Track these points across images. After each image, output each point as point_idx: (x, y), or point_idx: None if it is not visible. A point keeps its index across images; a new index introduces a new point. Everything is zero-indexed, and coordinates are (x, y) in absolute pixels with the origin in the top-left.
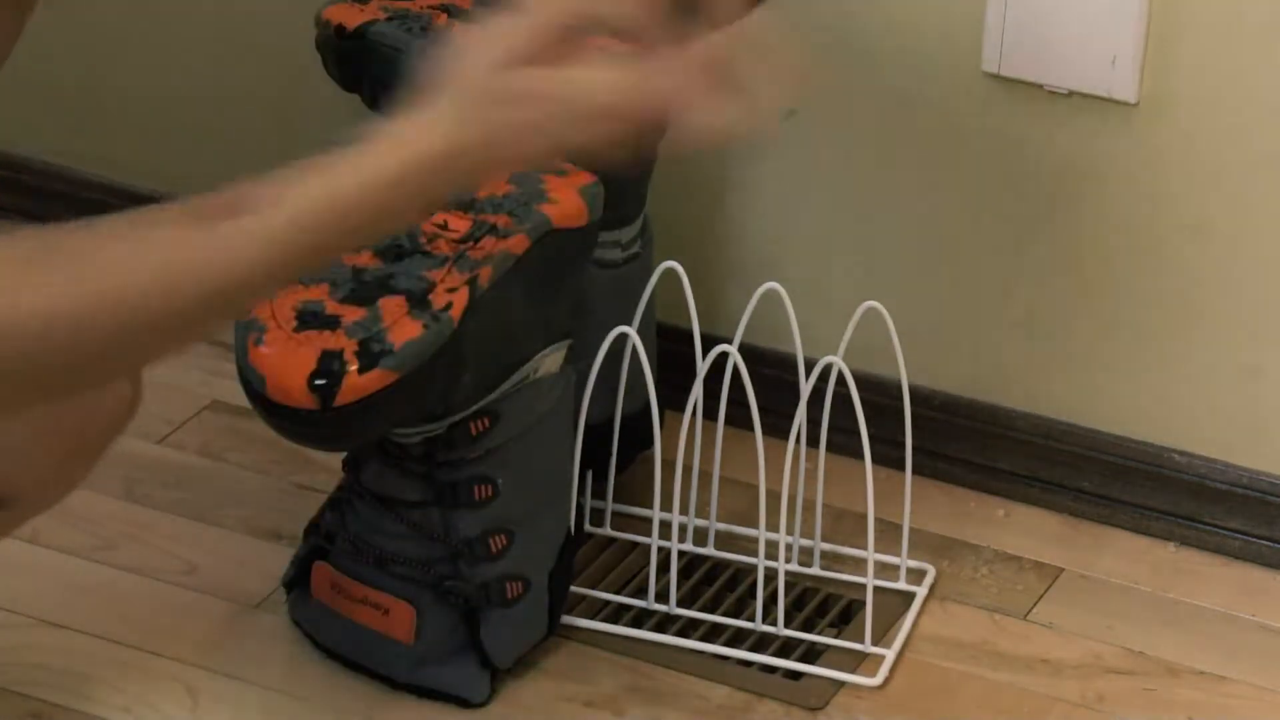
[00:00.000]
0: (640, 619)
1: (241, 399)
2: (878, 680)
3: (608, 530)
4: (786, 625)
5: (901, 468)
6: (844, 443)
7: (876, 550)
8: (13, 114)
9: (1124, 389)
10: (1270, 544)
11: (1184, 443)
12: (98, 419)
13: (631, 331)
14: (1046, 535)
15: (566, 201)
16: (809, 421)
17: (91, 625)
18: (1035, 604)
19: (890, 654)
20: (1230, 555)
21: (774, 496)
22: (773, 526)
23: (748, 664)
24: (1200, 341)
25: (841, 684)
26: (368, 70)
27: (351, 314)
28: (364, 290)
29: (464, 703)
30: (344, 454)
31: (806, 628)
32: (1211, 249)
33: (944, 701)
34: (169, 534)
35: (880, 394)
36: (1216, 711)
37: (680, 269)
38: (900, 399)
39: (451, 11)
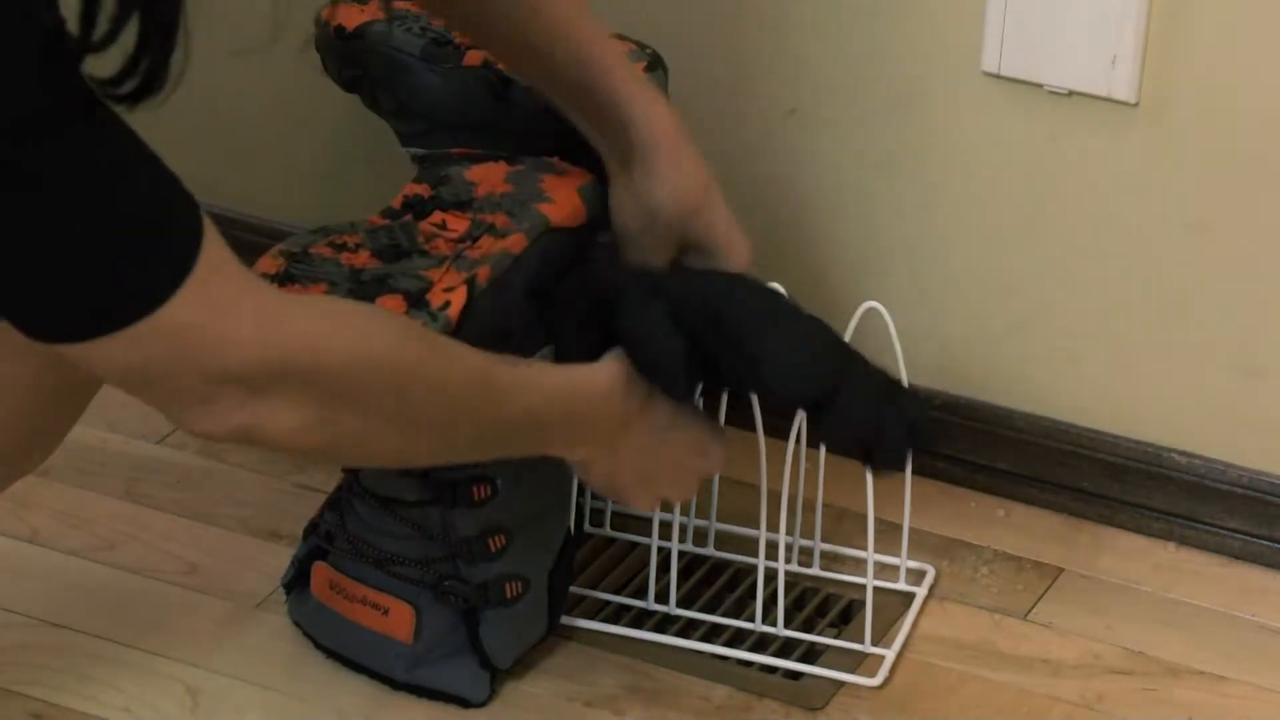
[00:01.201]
0: (640, 619)
1: None
2: (878, 680)
3: (608, 530)
4: (786, 625)
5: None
6: None
7: (876, 550)
8: None
9: (1124, 389)
10: (1270, 544)
11: (1184, 443)
12: (72, 382)
13: None
14: (1046, 535)
15: (564, 201)
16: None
17: (91, 625)
18: (1035, 604)
19: (890, 654)
20: (1230, 555)
21: (774, 496)
22: (772, 527)
23: (748, 664)
24: (1200, 341)
25: (841, 684)
26: (368, 71)
27: None
28: (362, 290)
29: (464, 703)
30: None
31: (806, 628)
32: (1211, 249)
33: (944, 701)
34: (169, 534)
35: None
36: (1216, 711)
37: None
38: None
39: None
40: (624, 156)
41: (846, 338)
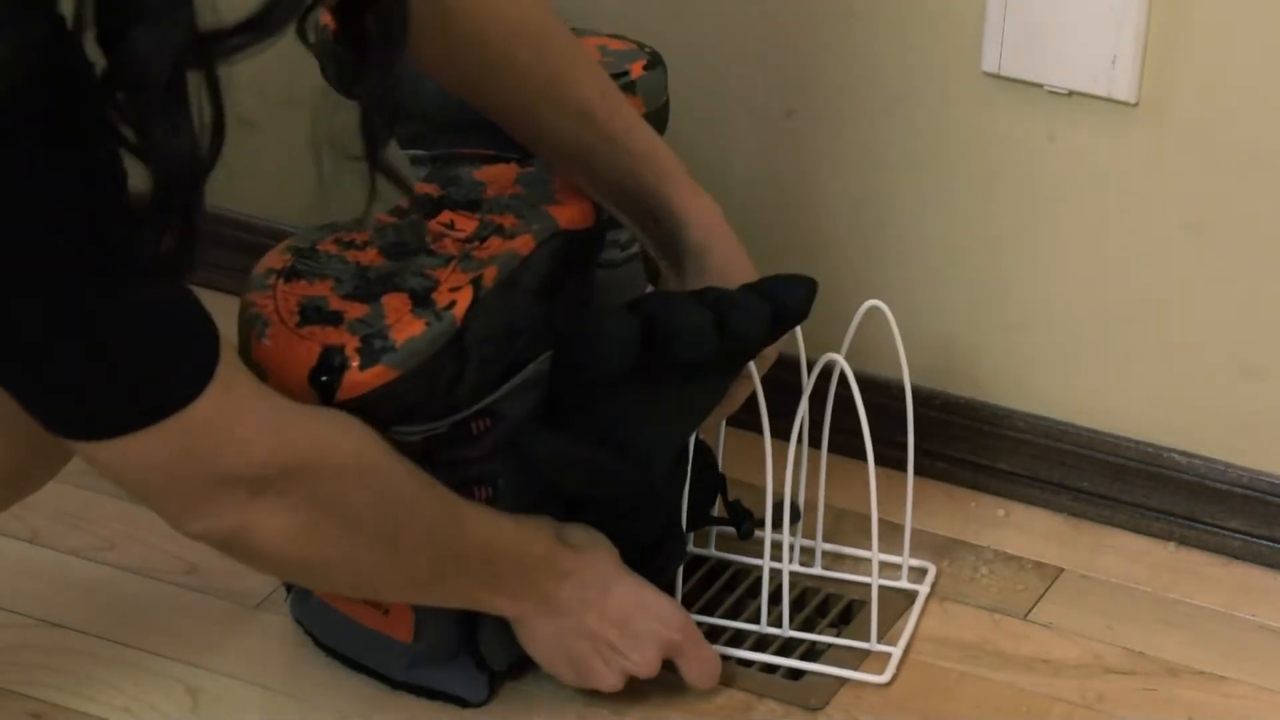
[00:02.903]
0: None
1: None
2: (885, 677)
3: None
4: (788, 626)
5: (901, 468)
6: (842, 443)
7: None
8: None
9: (1124, 389)
10: (1270, 544)
11: (1184, 443)
12: None
13: None
14: (1046, 535)
15: (574, 203)
16: (809, 423)
17: (91, 625)
18: (1035, 604)
19: (896, 651)
20: (1230, 555)
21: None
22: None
23: (748, 664)
24: (1200, 341)
25: (841, 684)
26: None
27: (355, 311)
28: (367, 287)
29: (463, 703)
30: None
31: (806, 629)
32: (1211, 249)
33: (944, 701)
34: (169, 534)
35: (880, 394)
36: (1216, 711)
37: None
38: (900, 399)
39: None
40: (675, 254)
41: (848, 336)
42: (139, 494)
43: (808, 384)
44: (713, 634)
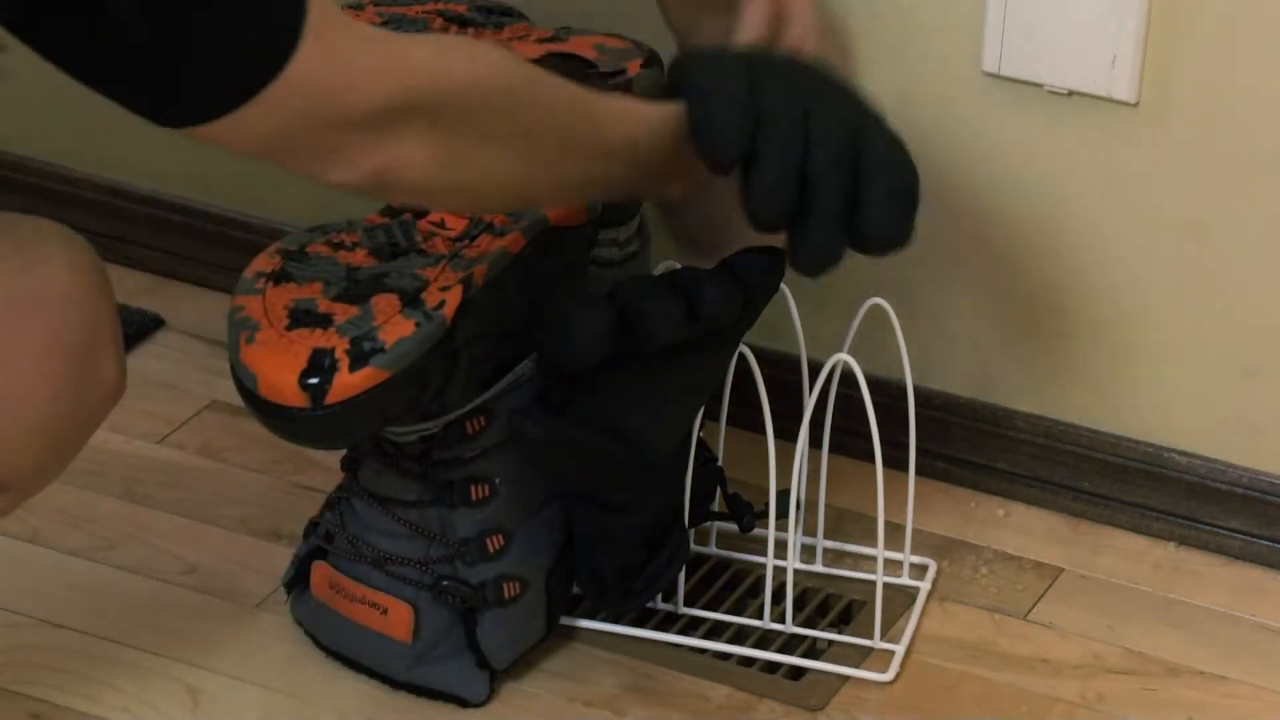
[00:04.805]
0: (641, 619)
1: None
2: (889, 675)
3: None
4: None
5: (901, 467)
6: (841, 443)
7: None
8: (12, 114)
9: (1124, 389)
10: (1270, 544)
11: (1184, 443)
12: (87, 405)
13: None
14: (1046, 535)
15: None
16: (808, 422)
17: (91, 625)
18: (1035, 604)
19: (900, 649)
20: (1230, 555)
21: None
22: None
23: (748, 664)
24: (1199, 341)
25: (842, 684)
26: None
27: (344, 312)
28: (357, 289)
29: (463, 702)
30: (342, 453)
31: (807, 628)
32: (1211, 249)
33: (944, 701)
34: (169, 534)
35: (880, 394)
36: (1216, 711)
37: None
38: (900, 399)
39: (447, 16)
40: None
41: (850, 334)
42: (271, 161)
43: (817, 385)
44: (714, 631)
